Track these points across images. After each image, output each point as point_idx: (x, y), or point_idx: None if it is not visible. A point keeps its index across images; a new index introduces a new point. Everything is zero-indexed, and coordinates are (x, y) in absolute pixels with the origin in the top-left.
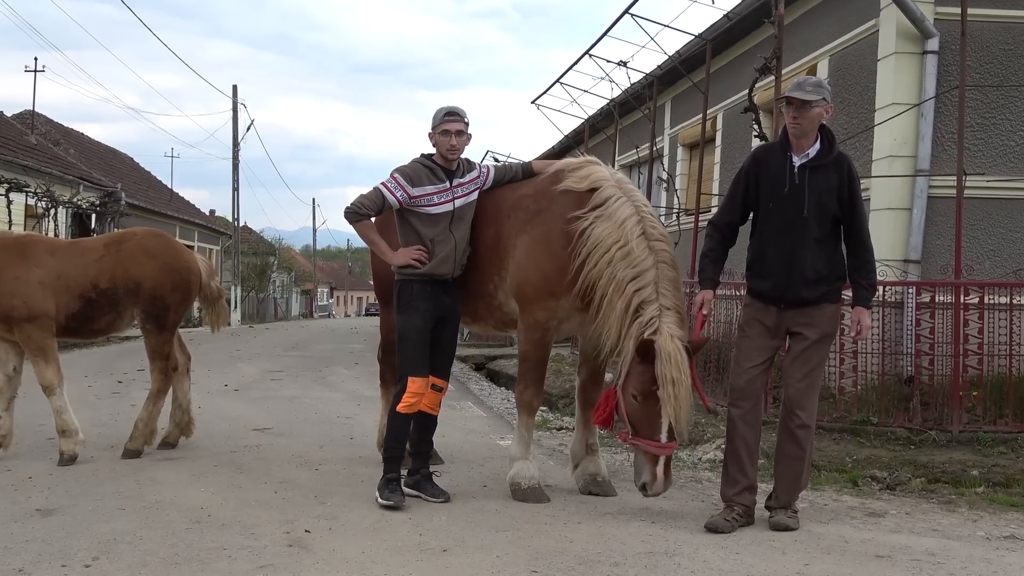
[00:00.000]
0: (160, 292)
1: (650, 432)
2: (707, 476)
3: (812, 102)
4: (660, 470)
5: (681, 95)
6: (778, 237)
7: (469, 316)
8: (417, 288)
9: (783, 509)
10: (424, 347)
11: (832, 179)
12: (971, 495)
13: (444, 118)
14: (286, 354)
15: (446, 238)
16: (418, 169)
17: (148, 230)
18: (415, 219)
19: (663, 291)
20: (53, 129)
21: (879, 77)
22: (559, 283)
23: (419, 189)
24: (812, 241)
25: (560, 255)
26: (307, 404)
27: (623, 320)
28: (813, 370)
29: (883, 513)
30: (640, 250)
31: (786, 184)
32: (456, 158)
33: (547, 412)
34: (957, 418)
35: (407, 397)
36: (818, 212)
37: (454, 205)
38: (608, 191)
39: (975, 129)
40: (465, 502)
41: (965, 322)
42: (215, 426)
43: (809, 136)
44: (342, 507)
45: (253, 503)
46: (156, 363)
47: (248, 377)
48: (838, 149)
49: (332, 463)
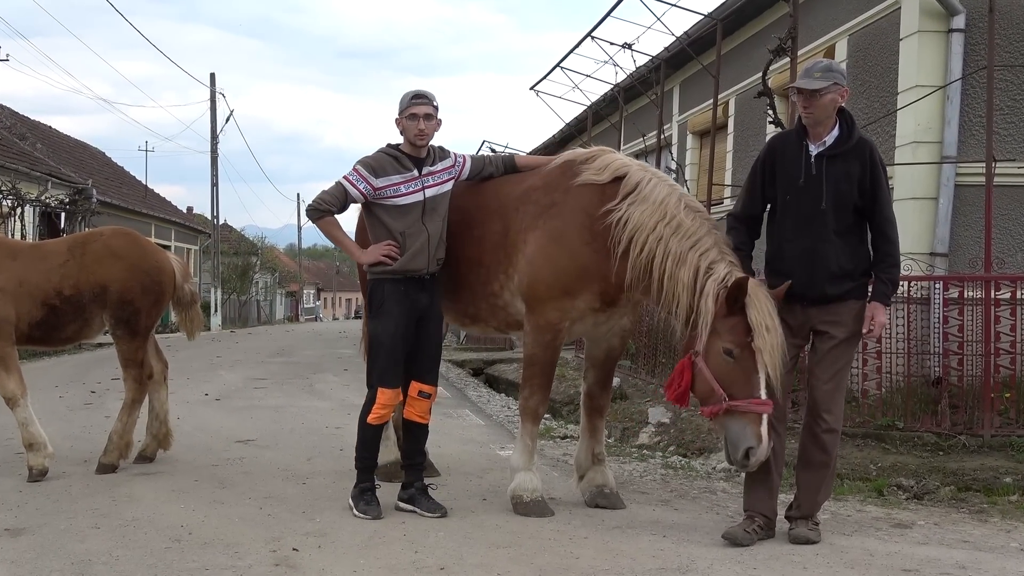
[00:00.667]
0: (129, 296)
1: (749, 390)
2: (722, 487)
3: (821, 90)
4: (764, 430)
5: (690, 79)
6: (797, 232)
7: (469, 317)
8: (389, 289)
9: (804, 520)
10: (398, 356)
11: (853, 168)
12: (1004, 504)
13: (411, 101)
14: (270, 360)
15: (418, 231)
16: (382, 159)
17: (115, 229)
18: (383, 212)
19: (726, 252)
20: (18, 122)
21: (902, 57)
22: (575, 281)
23: (383, 179)
24: (832, 235)
25: (579, 252)
26: (293, 414)
27: (693, 287)
28: (840, 371)
29: (910, 524)
30: (691, 221)
31: (802, 175)
32: (425, 144)
33: (550, 420)
34: (988, 422)
35: (377, 408)
36: (837, 204)
37: (424, 195)
38: (636, 175)
39: (1005, 112)
40: (463, 517)
41: (996, 319)
42: (195, 438)
43: (826, 123)
44: (332, 523)
45: (236, 520)
46: (129, 371)
47: (230, 385)
48: (859, 134)
49: (321, 476)
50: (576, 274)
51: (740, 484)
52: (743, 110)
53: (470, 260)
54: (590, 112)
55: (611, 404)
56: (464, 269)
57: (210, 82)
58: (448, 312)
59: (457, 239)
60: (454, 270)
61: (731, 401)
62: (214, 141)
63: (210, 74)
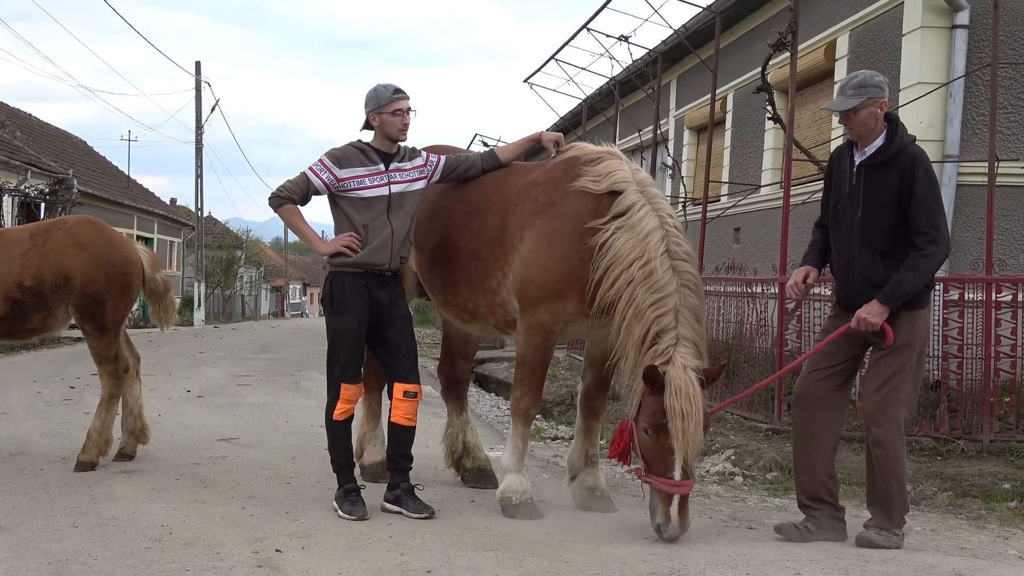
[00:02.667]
0: (93, 288)
1: (663, 469)
2: (715, 490)
3: (854, 108)
4: (675, 510)
5: (688, 73)
6: (841, 240)
7: (469, 313)
8: (349, 282)
9: (876, 527)
10: (360, 350)
11: (891, 177)
12: (1002, 510)
13: (394, 96)
14: (255, 357)
15: (381, 225)
16: (348, 151)
17: (80, 218)
18: (347, 204)
19: (682, 319)
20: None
21: (904, 54)
22: (566, 285)
23: (348, 171)
24: (870, 245)
25: (570, 257)
26: (278, 412)
27: (640, 349)
28: (888, 382)
29: (907, 530)
30: (663, 271)
31: (846, 185)
32: (406, 138)
33: (541, 421)
34: (988, 426)
35: (341, 404)
36: (875, 214)
37: (390, 190)
38: (631, 197)
39: (1009, 111)
40: (451, 519)
41: (997, 322)
42: (177, 436)
43: (871, 135)
44: (316, 524)
45: (218, 520)
46: (104, 367)
47: (213, 382)
48: (904, 143)
49: (305, 476)
50: (566, 278)
51: (733, 488)
52: (741, 105)
53: (469, 253)
54: (585, 106)
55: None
56: (464, 262)
57: (195, 71)
58: (449, 308)
59: (458, 230)
60: (454, 263)
61: (648, 475)
62: (199, 131)
63: (195, 62)
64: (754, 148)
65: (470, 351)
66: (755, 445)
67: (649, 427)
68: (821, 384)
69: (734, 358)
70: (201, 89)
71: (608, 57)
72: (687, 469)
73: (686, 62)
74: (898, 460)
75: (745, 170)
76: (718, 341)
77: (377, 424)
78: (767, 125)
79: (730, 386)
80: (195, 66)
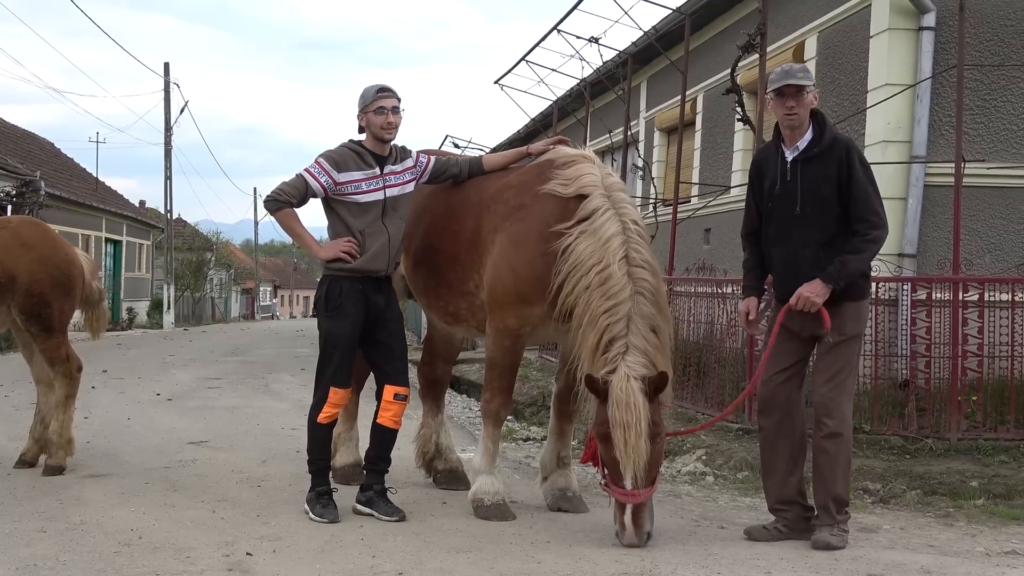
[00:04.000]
0: (38, 288)
1: (615, 477)
2: (686, 490)
3: (806, 87)
4: (628, 519)
5: (658, 75)
6: (777, 238)
7: (451, 315)
8: (347, 287)
9: (828, 527)
10: (351, 356)
11: (830, 168)
12: (970, 508)
13: (377, 95)
14: (225, 359)
15: (378, 231)
16: (345, 154)
17: (24, 219)
18: (343, 209)
19: (634, 328)
20: None
21: (871, 55)
22: (532, 289)
23: (345, 175)
24: (813, 239)
25: (535, 261)
26: (248, 414)
27: (593, 356)
28: (838, 373)
29: (876, 528)
30: (619, 277)
31: (778, 182)
32: (392, 137)
33: (513, 421)
34: (955, 425)
35: (328, 407)
36: (816, 208)
37: (385, 194)
38: (596, 202)
39: (975, 112)
40: (422, 520)
41: (964, 321)
42: (146, 439)
43: (802, 127)
44: (287, 527)
45: (188, 523)
46: (56, 368)
47: (183, 385)
48: (834, 134)
49: (276, 479)
50: (532, 282)
51: (705, 488)
52: (711, 107)
53: (448, 256)
54: (556, 107)
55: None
56: (444, 265)
57: (164, 72)
58: (433, 310)
59: (438, 233)
60: (436, 266)
61: (605, 484)
62: (168, 133)
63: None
64: (724, 149)
65: (452, 353)
66: (726, 445)
67: (597, 437)
68: (783, 388)
69: (705, 359)
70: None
71: (579, 58)
72: (638, 479)
73: (656, 63)
74: (848, 451)
75: (715, 171)
76: (689, 342)
77: (352, 425)
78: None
79: (701, 387)
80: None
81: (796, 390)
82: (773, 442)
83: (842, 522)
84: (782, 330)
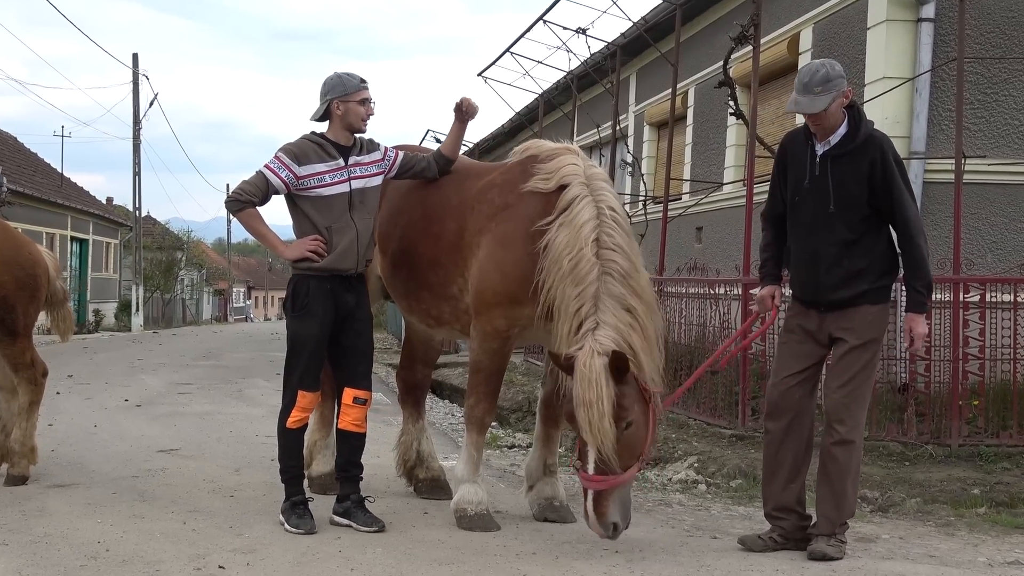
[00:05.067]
0: (2, 291)
1: (583, 461)
2: (678, 499)
3: (826, 107)
4: (589, 506)
5: (648, 67)
6: (804, 234)
7: (433, 319)
8: (314, 286)
9: (825, 537)
10: (320, 357)
11: (861, 167)
12: (972, 516)
13: (362, 84)
14: (196, 364)
15: (346, 226)
16: (305, 146)
17: None
18: (307, 205)
19: (603, 306)
20: None
21: (869, 48)
22: (521, 289)
23: (307, 168)
24: (840, 238)
25: (523, 261)
26: (221, 421)
27: (568, 342)
28: (853, 379)
29: (874, 538)
30: (587, 259)
31: (807, 176)
32: (366, 129)
33: (497, 428)
34: (956, 430)
35: (296, 412)
36: (846, 206)
37: (350, 186)
38: (574, 191)
39: (975, 107)
40: (403, 532)
41: (965, 323)
42: (114, 447)
43: (834, 128)
44: (261, 539)
45: (158, 535)
46: (21, 374)
47: (152, 390)
48: (869, 131)
49: (250, 489)
50: (521, 282)
51: (697, 497)
52: (703, 101)
53: (429, 259)
54: (542, 101)
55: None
56: (425, 268)
57: (133, 63)
58: (414, 314)
59: (418, 235)
60: (415, 269)
61: (574, 470)
62: (136, 127)
63: (133, 54)
64: (716, 145)
65: (431, 356)
66: (719, 452)
67: (565, 416)
68: (795, 391)
69: (697, 362)
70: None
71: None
72: (604, 462)
73: (646, 56)
74: (858, 460)
75: (707, 167)
76: (680, 344)
77: (329, 432)
78: (729, 121)
79: (693, 391)
80: (132, 58)
81: (808, 395)
82: (778, 446)
83: (840, 532)
84: (800, 332)
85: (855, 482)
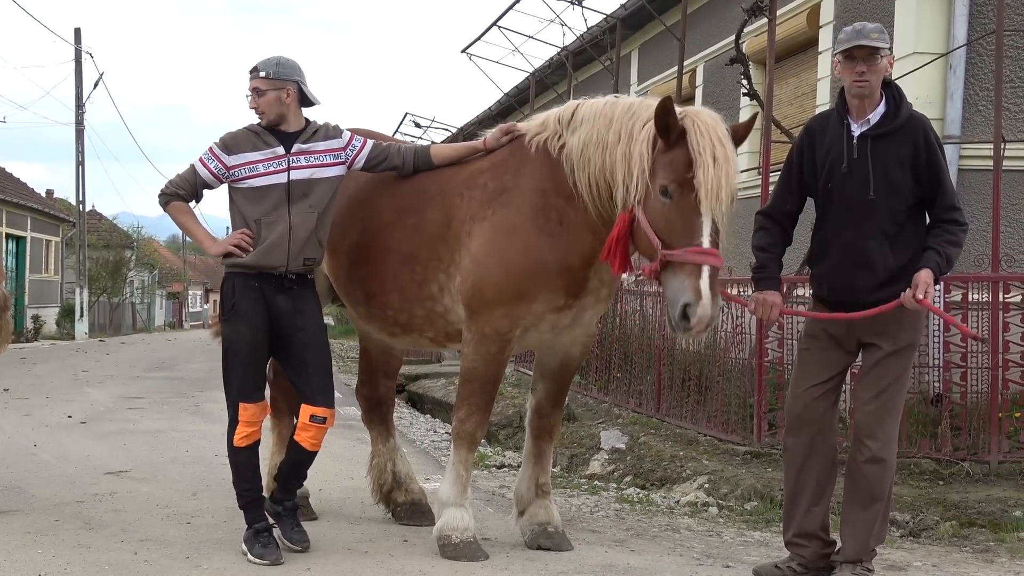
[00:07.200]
0: None
1: (688, 237)
2: (686, 524)
3: (881, 50)
4: (705, 285)
5: (651, 42)
6: (837, 226)
7: (399, 326)
8: (240, 284)
9: (850, 565)
10: (258, 364)
11: (904, 149)
12: (1013, 541)
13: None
14: (148, 375)
15: (276, 219)
16: (240, 135)
17: None
18: (240, 197)
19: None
20: None
21: (897, 21)
22: (530, 281)
23: (237, 157)
24: (881, 229)
25: (535, 244)
26: (176, 439)
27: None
28: (887, 389)
29: (905, 566)
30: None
31: (844, 160)
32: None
33: (485, 446)
34: (996, 446)
35: (242, 427)
36: (887, 192)
37: (288, 176)
38: (571, 104)
39: (1016, 85)
40: (380, 562)
41: (1005, 326)
42: (56, 469)
43: (873, 96)
44: (222, 570)
45: (106, 567)
46: None
47: (99, 405)
48: (910, 110)
49: (208, 515)
50: (532, 272)
51: (707, 520)
52: (713, 79)
53: (403, 255)
54: (533, 80)
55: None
56: (395, 266)
57: (75, 39)
58: (374, 321)
59: (386, 229)
60: (382, 267)
61: (665, 250)
62: (79, 111)
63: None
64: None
65: (393, 366)
66: (731, 471)
67: (670, 183)
68: (819, 403)
69: (707, 371)
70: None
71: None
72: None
73: (649, 29)
74: (891, 479)
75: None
76: (687, 351)
77: None
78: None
79: (703, 403)
80: (74, 33)
81: (831, 407)
82: (800, 465)
83: (867, 560)
84: (824, 337)
85: (887, 505)
